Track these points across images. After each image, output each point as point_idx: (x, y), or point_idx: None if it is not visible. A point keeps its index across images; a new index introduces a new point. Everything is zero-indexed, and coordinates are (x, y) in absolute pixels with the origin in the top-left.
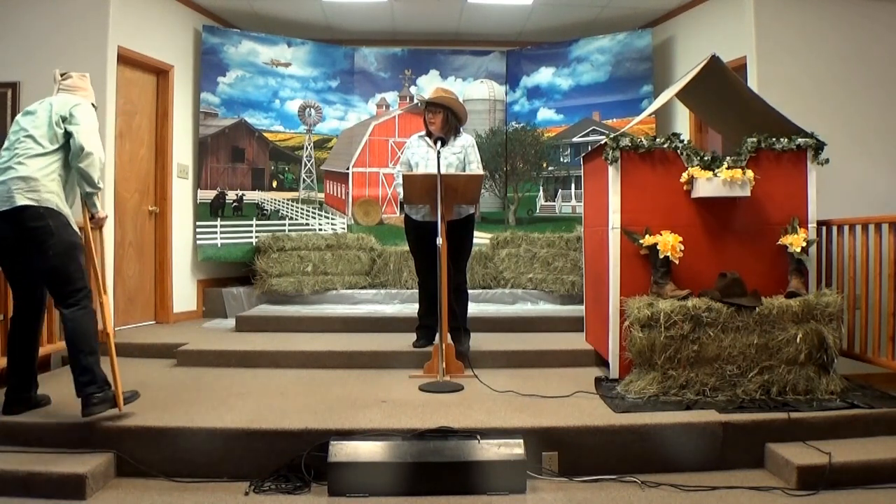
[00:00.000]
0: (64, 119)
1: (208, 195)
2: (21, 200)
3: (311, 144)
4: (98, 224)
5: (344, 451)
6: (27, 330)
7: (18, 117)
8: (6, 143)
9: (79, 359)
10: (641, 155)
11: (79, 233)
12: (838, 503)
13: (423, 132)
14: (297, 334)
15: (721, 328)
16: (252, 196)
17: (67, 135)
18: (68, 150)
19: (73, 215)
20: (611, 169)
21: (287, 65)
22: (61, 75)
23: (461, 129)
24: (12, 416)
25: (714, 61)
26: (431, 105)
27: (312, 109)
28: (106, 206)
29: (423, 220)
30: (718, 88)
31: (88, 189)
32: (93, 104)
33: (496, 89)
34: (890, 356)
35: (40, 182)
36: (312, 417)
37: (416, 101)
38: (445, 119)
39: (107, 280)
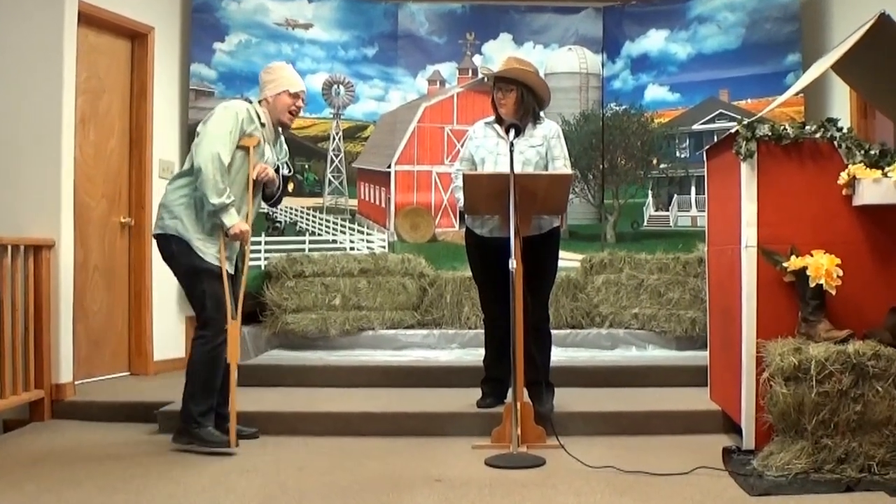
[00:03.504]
0: (197, 134)
1: None
2: (154, 230)
3: (340, 134)
4: (234, 237)
5: None
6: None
7: None
8: None
9: (184, 388)
10: (785, 148)
11: (205, 258)
12: None
13: (492, 118)
14: (321, 390)
15: (893, 382)
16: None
17: None
18: None
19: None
20: (744, 167)
21: (307, 26)
22: None
23: (542, 114)
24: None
25: (883, 21)
26: (501, 80)
27: (342, 87)
28: (63, 215)
29: (491, 237)
30: (889, 58)
31: (207, 208)
32: (283, 91)
33: (589, 60)
34: None
35: (169, 208)
36: (341, 501)
37: (480, 74)
38: (520, 99)
39: (236, 309)
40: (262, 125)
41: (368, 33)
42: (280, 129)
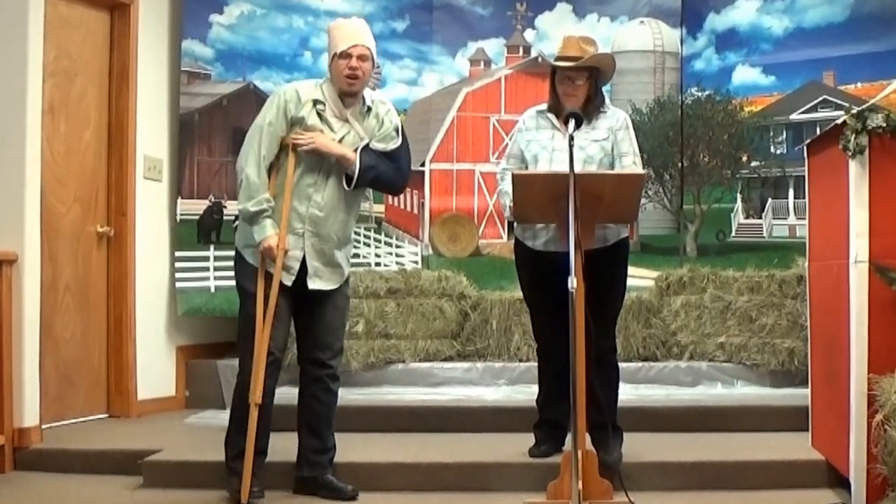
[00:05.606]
0: None
1: (195, 207)
2: None
3: None
4: (261, 253)
5: None
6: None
7: None
8: None
9: None
10: None
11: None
12: None
13: (545, 105)
14: (340, 435)
15: None
16: None
17: None
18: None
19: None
20: (852, 165)
21: None
22: None
23: (608, 101)
24: None
25: None
26: (571, 69)
27: None
28: (27, 223)
29: (546, 250)
30: None
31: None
32: (333, 55)
33: (665, 35)
34: None
35: None
36: None
37: (535, 56)
38: (593, 90)
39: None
40: (322, 103)
41: (398, 3)
42: (364, 101)
